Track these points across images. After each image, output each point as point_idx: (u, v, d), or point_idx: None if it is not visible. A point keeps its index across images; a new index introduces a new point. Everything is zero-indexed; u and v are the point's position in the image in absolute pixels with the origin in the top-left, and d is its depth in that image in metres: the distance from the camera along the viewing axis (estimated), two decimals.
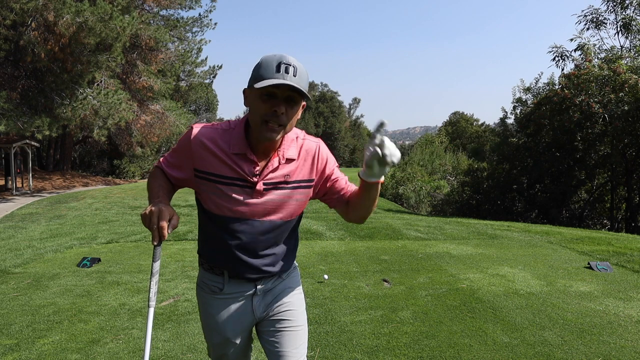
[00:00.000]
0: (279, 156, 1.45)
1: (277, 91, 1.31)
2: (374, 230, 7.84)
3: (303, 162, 1.50)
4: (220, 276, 1.54)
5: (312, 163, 1.51)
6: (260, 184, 1.44)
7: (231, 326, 1.56)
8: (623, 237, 7.72)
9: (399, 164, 29.00)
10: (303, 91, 1.31)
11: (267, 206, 1.46)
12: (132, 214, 11.61)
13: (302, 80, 1.33)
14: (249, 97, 1.39)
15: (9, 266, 5.48)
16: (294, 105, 1.36)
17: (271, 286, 1.58)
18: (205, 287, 1.58)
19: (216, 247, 1.52)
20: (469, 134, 49.11)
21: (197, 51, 25.71)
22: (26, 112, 14.67)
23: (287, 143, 1.47)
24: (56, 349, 3.05)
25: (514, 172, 15.05)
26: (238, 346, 1.60)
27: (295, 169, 1.48)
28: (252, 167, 1.43)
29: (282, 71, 1.29)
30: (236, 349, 1.61)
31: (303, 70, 1.35)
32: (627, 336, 3.23)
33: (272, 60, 1.32)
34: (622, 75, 12.18)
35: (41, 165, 28.01)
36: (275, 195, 1.46)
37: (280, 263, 1.56)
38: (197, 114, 37.82)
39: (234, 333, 1.57)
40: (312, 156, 1.51)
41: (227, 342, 1.58)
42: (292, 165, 1.48)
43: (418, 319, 3.56)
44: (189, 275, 4.92)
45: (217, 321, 1.57)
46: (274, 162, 1.44)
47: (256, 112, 1.35)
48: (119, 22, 14.61)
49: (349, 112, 72.53)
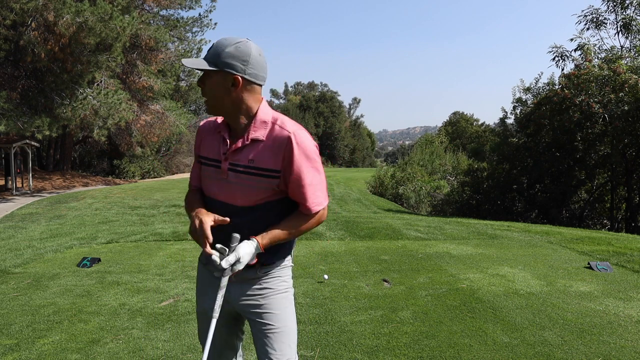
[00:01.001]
0: (244, 137, 1.50)
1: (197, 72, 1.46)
2: (374, 230, 7.84)
3: (270, 151, 1.48)
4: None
5: (279, 153, 1.47)
6: (226, 164, 1.51)
7: (209, 298, 1.60)
8: (623, 237, 7.72)
9: (399, 164, 29.02)
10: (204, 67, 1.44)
11: (232, 189, 1.52)
12: (132, 214, 11.61)
13: (211, 55, 1.45)
14: None
15: (9, 266, 5.48)
16: (206, 80, 1.48)
17: (250, 277, 1.57)
18: (201, 256, 1.71)
19: None
20: (469, 134, 49.10)
21: (197, 51, 25.69)
22: (26, 112, 14.67)
23: (256, 124, 1.50)
24: (56, 349, 3.05)
25: (514, 172, 15.05)
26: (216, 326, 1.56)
27: (261, 154, 1.48)
28: (224, 147, 1.53)
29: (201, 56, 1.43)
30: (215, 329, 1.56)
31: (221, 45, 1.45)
32: (627, 336, 3.23)
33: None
34: (622, 75, 12.17)
35: (41, 165, 28.00)
36: (238, 179, 1.50)
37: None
38: (197, 114, 37.78)
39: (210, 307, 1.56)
40: (280, 146, 1.47)
41: (204, 313, 1.66)
42: (257, 148, 1.49)
43: (418, 319, 3.56)
44: (189, 275, 4.92)
45: (200, 290, 1.70)
46: (238, 143, 1.50)
47: None
48: (119, 22, 14.61)
49: (349, 112, 72.51)
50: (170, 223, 9.54)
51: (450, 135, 49.17)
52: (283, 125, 1.49)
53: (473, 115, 57.49)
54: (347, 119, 67.93)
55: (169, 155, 33.87)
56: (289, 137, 1.46)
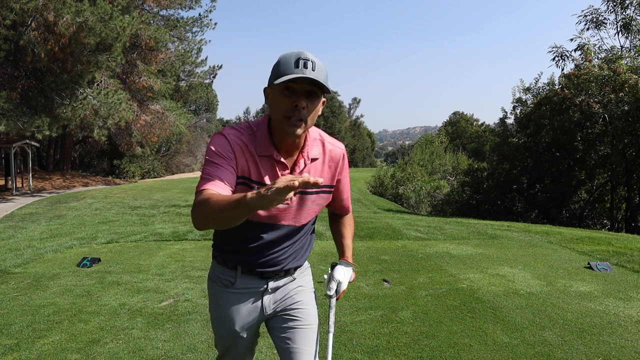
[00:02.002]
0: (304, 157, 1.45)
1: (296, 86, 1.31)
2: (374, 230, 7.84)
3: (328, 168, 1.53)
4: (233, 270, 1.55)
5: (335, 169, 1.55)
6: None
7: (240, 321, 1.56)
8: (623, 237, 7.72)
9: (399, 164, 29.02)
10: (322, 84, 1.31)
11: (294, 210, 1.48)
12: (132, 214, 11.61)
13: (320, 74, 1.33)
14: (270, 95, 1.39)
15: (9, 266, 5.48)
16: (314, 100, 1.35)
17: (282, 284, 1.59)
18: (217, 280, 1.59)
19: (233, 245, 1.53)
20: (469, 134, 49.08)
21: (197, 51, 25.75)
22: (26, 112, 14.67)
23: (310, 142, 1.47)
24: (56, 349, 3.05)
25: (514, 172, 15.05)
26: (245, 340, 1.61)
27: (320, 173, 1.50)
28: (282, 170, 1.42)
29: (301, 66, 1.29)
30: (243, 344, 1.61)
31: (321, 65, 1.35)
32: (627, 336, 3.23)
33: (290, 57, 1.32)
34: (622, 75, 12.17)
35: (41, 165, 28.01)
36: (302, 201, 1.48)
37: (295, 261, 1.58)
38: (197, 114, 37.78)
39: (241, 327, 1.57)
40: (336, 163, 1.55)
41: (234, 336, 1.59)
42: (317, 167, 1.49)
43: (418, 319, 3.56)
44: (189, 275, 4.92)
45: (226, 314, 1.57)
46: (300, 163, 1.45)
47: (278, 108, 1.35)
48: (119, 22, 14.61)
49: (349, 112, 72.50)
50: (170, 223, 9.54)
51: (450, 135, 49.16)
52: (330, 141, 1.55)
53: (473, 115, 57.48)
54: (347, 119, 67.93)
55: (169, 155, 33.89)
56: (343, 155, 1.56)
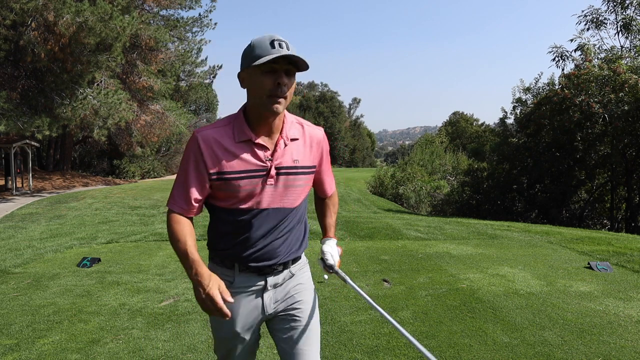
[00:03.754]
0: (284, 138, 1.49)
1: (277, 66, 1.35)
2: (374, 230, 7.84)
3: (309, 148, 1.56)
4: (231, 269, 1.54)
5: (317, 150, 1.58)
6: (273, 168, 1.46)
7: (240, 321, 1.55)
8: (623, 237, 7.72)
9: (399, 164, 29.01)
10: (303, 59, 1.36)
11: (282, 193, 1.49)
12: (132, 214, 11.61)
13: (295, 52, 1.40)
14: (248, 78, 1.41)
15: (9, 266, 5.48)
16: (292, 77, 1.41)
17: (282, 281, 1.58)
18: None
19: (226, 239, 1.52)
20: (469, 134, 49.09)
21: (197, 51, 25.71)
22: (26, 112, 14.66)
23: (287, 124, 1.51)
24: (56, 349, 3.05)
25: (514, 172, 15.06)
26: (246, 341, 1.59)
27: (301, 153, 1.53)
28: (263, 152, 1.46)
29: (277, 47, 1.35)
30: (244, 345, 1.60)
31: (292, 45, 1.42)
32: (627, 336, 3.23)
33: (264, 39, 1.37)
34: (622, 75, 12.17)
35: (41, 165, 28.01)
36: (287, 182, 1.50)
37: (289, 253, 1.57)
38: (197, 114, 37.77)
39: (242, 328, 1.56)
40: (317, 143, 1.58)
41: (235, 336, 1.57)
42: (298, 146, 1.52)
43: (418, 319, 3.56)
44: None
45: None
46: (281, 144, 1.48)
47: (261, 89, 1.38)
48: (119, 22, 14.60)
49: (349, 112, 72.55)
50: None
51: (450, 135, 49.18)
52: (309, 124, 1.60)
53: (473, 115, 57.50)
54: (347, 119, 67.95)
55: (169, 155, 33.86)
56: (323, 135, 1.61)
